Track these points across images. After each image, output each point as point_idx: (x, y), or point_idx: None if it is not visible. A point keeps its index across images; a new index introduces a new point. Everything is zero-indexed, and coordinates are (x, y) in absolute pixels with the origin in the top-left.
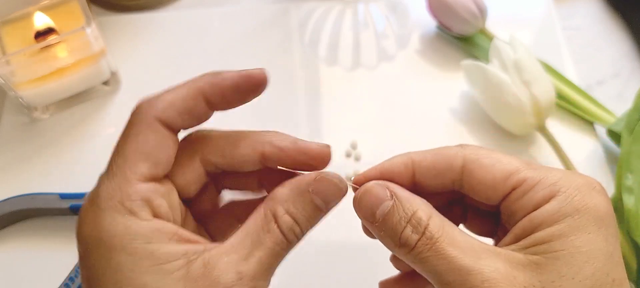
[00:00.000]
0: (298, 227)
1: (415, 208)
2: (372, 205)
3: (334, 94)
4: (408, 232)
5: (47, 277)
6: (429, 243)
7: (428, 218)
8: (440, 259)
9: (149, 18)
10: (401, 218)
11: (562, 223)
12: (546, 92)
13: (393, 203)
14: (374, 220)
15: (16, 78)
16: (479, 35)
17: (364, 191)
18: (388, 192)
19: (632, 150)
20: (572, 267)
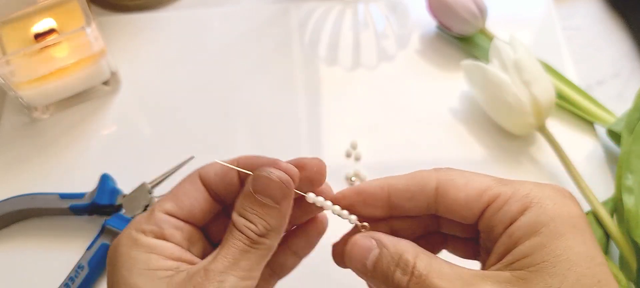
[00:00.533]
0: (253, 225)
1: (402, 251)
2: (361, 256)
3: (334, 94)
4: (398, 275)
5: (47, 277)
6: (419, 281)
7: (415, 258)
8: None
9: (149, 18)
10: (389, 263)
11: (540, 234)
12: (546, 92)
13: (379, 251)
14: (365, 270)
15: (16, 78)
16: (479, 35)
17: (351, 245)
18: (373, 241)
19: (632, 150)
20: (556, 276)
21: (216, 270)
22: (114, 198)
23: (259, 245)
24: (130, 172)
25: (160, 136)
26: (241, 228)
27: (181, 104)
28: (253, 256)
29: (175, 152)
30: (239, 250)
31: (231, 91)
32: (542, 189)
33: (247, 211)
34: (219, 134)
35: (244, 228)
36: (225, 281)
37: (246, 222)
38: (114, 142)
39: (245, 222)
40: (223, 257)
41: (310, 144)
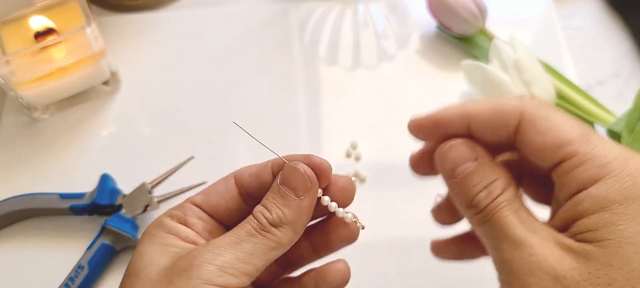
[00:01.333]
0: (267, 212)
1: (497, 176)
2: (456, 161)
3: (334, 94)
4: (482, 196)
5: (47, 277)
6: (495, 209)
7: (503, 189)
8: (499, 226)
9: (149, 18)
10: (480, 182)
11: (608, 211)
12: (546, 92)
13: (476, 166)
14: (452, 175)
15: (16, 78)
16: (479, 35)
17: (450, 146)
18: (474, 153)
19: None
20: (620, 257)
21: (217, 243)
22: (114, 198)
23: (268, 233)
24: (130, 172)
25: (160, 136)
26: (256, 214)
27: (181, 104)
28: (259, 242)
29: (175, 152)
30: (245, 232)
31: (231, 91)
32: (627, 162)
33: (268, 200)
34: (219, 134)
35: (258, 214)
36: (222, 254)
37: (263, 209)
38: (114, 142)
39: (262, 209)
40: (228, 235)
41: (310, 144)
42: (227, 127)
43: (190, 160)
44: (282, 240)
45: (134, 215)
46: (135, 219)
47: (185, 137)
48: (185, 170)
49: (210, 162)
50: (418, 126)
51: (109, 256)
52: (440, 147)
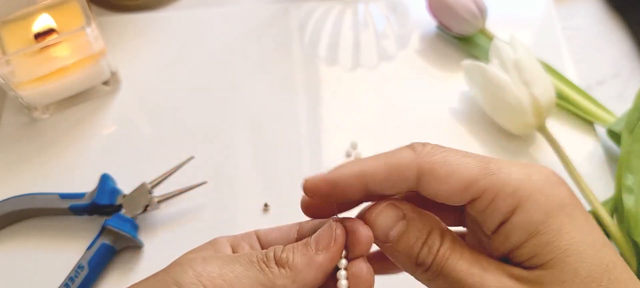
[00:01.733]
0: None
1: (430, 228)
2: (386, 226)
3: (334, 94)
4: (424, 253)
5: (47, 277)
6: (441, 262)
7: (441, 238)
8: (452, 278)
9: (149, 18)
10: (417, 239)
11: (539, 233)
12: (546, 92)
13: (408, 224)
14: (387, 240)
15: (16, 78)
16: (479, 35)
17: (376, 213)
18: (400, 212)
19: (632, 150)
20: (567, 271)
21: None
22: (114, 198)
23: (266, 267)
24: (130, 172)
25: (160, 136)
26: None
27: (181, 104)
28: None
29: (175, 152)
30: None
31: (231, 91)
32: (531, 180)
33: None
34: (219, 134)
35: (269, 248)
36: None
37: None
38: (114, 142)
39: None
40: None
41: (310, 144)
42: (227, 127)
43: (190, 160)
44: (275, 280)
45: (134, 215)
46: (135, 219)
47: (185, 137)
48: (185, 170)
49: (210, 162)
50: (314, 188)
51: (109, 256)
52: (368, 218)
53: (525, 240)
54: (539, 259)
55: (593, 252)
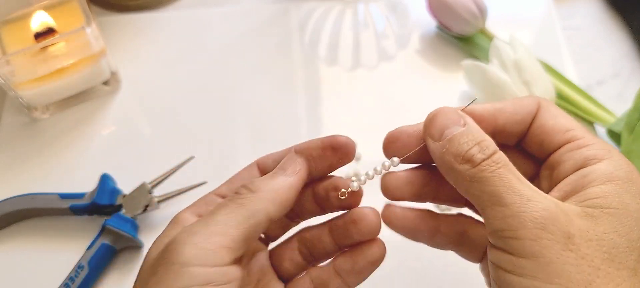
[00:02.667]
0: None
1: (485, 137)
2: (444, 124)
3: (334, 94)
4: (475, 150)
5: (47, 277)
6: (494, 165)
7: (495, 150)
8: (503, 181)
9: (149, 18)
10: (469, 140)
11: (616, 184)
12: (546, 92)
13: (464, 129)
14: (440, 137)
15: (16, 78)
16: (479, 35)
17: (437, 112)
18: (461, 119)
19: (632, 150)
20: (624, 226)
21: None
22: (114, 198)
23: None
24: (130, 172)
25: (160, 136)
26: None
27: (181, 104)
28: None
29: (175, 152)
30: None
31: (231, 91)
32: (619, 154)
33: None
34: (219, 134)
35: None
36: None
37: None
38: (114, 142)
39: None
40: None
41: None
42: (227, 127)
43: (190, 160)
44: (256, 206)
45: (134, 215)
46: (135, 219)
47: (185, 137)
48: (185, 170)
49: (210, 162)
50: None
51: (109, 256)
52: (429, 115)
53: (600, 183)
54: (604, 202)
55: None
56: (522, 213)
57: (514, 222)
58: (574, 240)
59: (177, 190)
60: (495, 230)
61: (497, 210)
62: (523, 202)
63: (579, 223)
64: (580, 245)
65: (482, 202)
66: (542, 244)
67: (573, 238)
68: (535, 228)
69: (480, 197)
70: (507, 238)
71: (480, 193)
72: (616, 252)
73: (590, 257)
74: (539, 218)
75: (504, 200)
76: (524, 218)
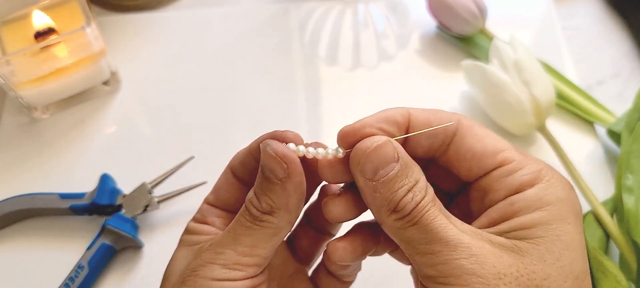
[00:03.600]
0: (257, 201)
1: (419, 177)
2: (380, 162)
3: (334, 94)
4: (408, 198)
5: (47, 277)
6: (421, 212)
7: (425, 191)
8: (429, 229)
9: (149, 18)
10: (404, 186)
11: (544, 210)
12: (546, 92)
13: (399, 168)
14: (373, 177)
15: (16, 78)
16: (479, 35)
17: (375, 146)
18: (396, 153)
19: (632, 150)
20: (552, 253)
21: (218, 242)
22: (114, 198)
23: (264, 223)
24: (130, 172)
25: (160, 136)
26: (247, 204)
27: (181, 104)
28: (257, 233)
29: (175, 152)
30: (241, 225)
31: (231, 91)
32: (552, 171)
33: (256, 188)
34: (219, 134)
35: (249, 205)
36: (224, 253)
37: (253, 198)
38: (114, 142)
39: (252, 198)
40: (227, 231)
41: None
42: (227, 127)
43: (190, 160)
44: (279, 225)
45: (134, 215)
46: (135, 219)
47: (185, 137)
48: (185, 170)
49: (210, 162)
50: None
51: (109, 256)
52: (361, 146)
53: (529, 211)
54: (531, 233)
55: (580, 252)
56: (451, 261)
57: (445, 269)
58: (505, 280)
59: (177, 190)
60: (427, 275)
61: (427, 258)
62: (450, 250)
63: (508, 259)
64: (511, 284)
65: (411, 249)
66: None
67: (504, 279)
68: (465, 275)
69: (408, 244)
70: (439, 284)
71: (409, 241)
72: (547, 283)
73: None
74: (467, 265)
75: (432, 248)
76: (454, 266)
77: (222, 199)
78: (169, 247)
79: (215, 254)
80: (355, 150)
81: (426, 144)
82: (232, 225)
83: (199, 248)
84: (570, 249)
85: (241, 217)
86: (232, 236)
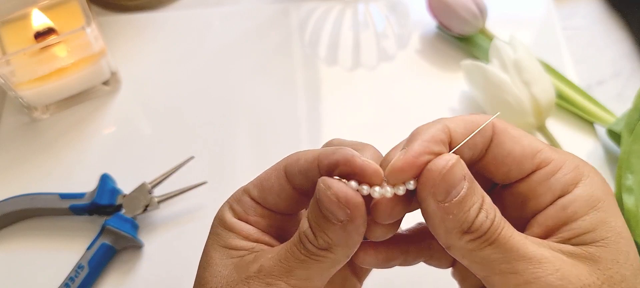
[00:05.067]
0: (313, 237)
1: (484, 194)
2: (451, 184)
3: (334, 94)
4: (482, 218)
5: (47, 277)
6: (498, 229)
7: (495, 208)
8: (509, 247)
9: (149, 18)
10: (475, 204)
11: (598, 209)
12: (546, 92)
13: (468, 185)
14: (444, 200)
15: (16, 78)
16: (479, 35)
17: (450, 167)
18: (464, 171)
19: (632, 150)
20: (621, 252)
21: (269, 270)
22: (114, 198)
23: (320, 257)
24: (130, 172)
25: (160, 136)
26: (301, 237)
27: (181, 104)
28: (312, 266)
29: (175, 152)
30: (295, 258)
31: (231, 91)
32: (586, 164)
33: (312, 220)
34: (219, 134)
35: (304, 238)
36: (274, 285)
37: (308, 231)
38: (114, 142)
39: (308, 232)
40: (278, 260)
41: (310, 144)
42: (227, 127)
43: (190, 160)
44: (337, 259)
45: (134, 215)
46: (135, 219)
47: (185, 137)
48: (185, 170)
49: (210, 162)
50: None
51: (109, 256)
52: (434, 169)
53: (585, 213)
54: (595, 235)
55: (632, 243)
56: (537, 279)
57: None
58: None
59: (177, 190)
60: None
61: (509, 278)
62: (535, 267)
63: (586, 269)
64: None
65: (487, 270)
66: None
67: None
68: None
69: (484, 265)
70: None
71: (485, 262)
72: (625, 285)
73: None
74: (555, 281)
75: (515, 267)
76: (542, 284)
77: (269, 202)
78: (169, 247)
79: (266, 285)
80: (427, 174)
81: (468, 155)
82: (283, 253)
83: (243, 264)
84: (631, 244)
85: (294, 248)
86: (285, 267)
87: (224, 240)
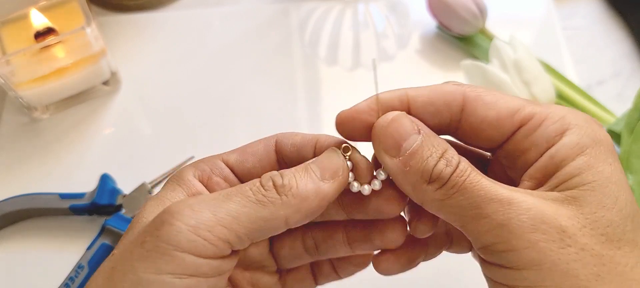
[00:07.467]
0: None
1: (446, 146)
2: (400, 136)
3: (334, 94)
4: (441, 166)
5: (47, 277)
6: (464, 175)
7: (459, 157)
8: (476, 190)
9: (149, 18)
10: (433, 154)
11: (585, 155)
12: (546, 92)
13: (422, 138)
14: (397, 154)
15: (16, 78)
16: (479, 35)
17: (390, 120)
18: (415, 126)
19: (632, 150)
20: (609, 196)
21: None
22: (114, 198)
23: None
24: (130, 172)
25: (160, 136)
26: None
27: (181, 103)
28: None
29: (175, 152)
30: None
31: (231, 91)
32: (575, 114)
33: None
34: (219, 134)
35: (266, 176)
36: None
37: (275, 173)
38: (114, 142)
39: (274, 174)
40: (221, 191)
41: None
42: (227, 127)
43: (190, 160)
44: (277, 212)
45: (134, 215)
46: None
47: (185, 137)
48: None
49: None
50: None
51: None
52: (378, 124)
53: (572, 159)
54: (581, 179)
55: (630, 195)
56: (508, 221)
57: (503, 233)
58: (568, 233)
59: None
60: (484, 245)
61: (481, 224)
62: (505, 208)
63: (567, 211)
64: (576, 236)
65: (461, 218)
66: (539, 249)
67: (567, 231)
68: (527, 234)
69: (456, 213)
70: (500, 252)
71: (457, 210)
72: (611, 230)
73: (589, 246)
74: (527, 221)
75: (484, 211)
76: (512, 226)
77: (246, 167)
78: None
79: (191, 210)
80: (373, 130)
81: (432, 124)
82: (229, 189)
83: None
84: (621, 189)
85: (246, 187)
86: (222, 196)
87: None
